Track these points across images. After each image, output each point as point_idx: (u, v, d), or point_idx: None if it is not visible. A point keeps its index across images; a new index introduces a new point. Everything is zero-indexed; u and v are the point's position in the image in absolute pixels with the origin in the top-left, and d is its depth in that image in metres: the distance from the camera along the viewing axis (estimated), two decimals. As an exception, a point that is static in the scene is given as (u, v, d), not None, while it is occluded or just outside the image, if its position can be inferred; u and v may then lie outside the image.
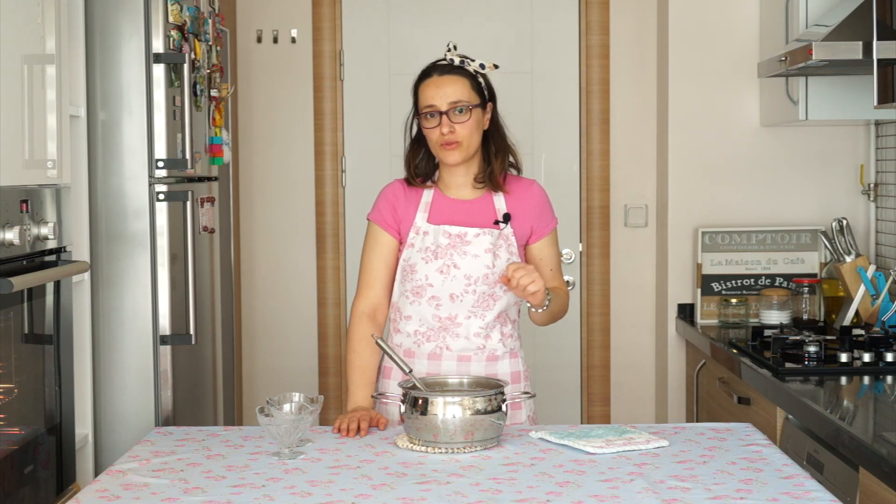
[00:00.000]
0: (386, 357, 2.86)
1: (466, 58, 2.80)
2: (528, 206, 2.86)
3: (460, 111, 2.75)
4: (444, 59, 2.81)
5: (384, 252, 2.84)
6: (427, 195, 2.85)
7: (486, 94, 2.82)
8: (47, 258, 2.93)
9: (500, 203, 2.84)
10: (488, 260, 2.77)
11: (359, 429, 2.59)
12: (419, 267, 2.78)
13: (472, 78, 2.80)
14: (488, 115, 2.84)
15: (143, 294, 3.38)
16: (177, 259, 3.45)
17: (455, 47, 2.82)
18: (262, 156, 4.75)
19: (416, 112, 2.82)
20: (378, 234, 2.85)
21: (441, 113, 2.75)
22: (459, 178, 2.84)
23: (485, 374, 2.76)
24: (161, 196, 3.38)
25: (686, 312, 4.40)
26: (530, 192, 2.88)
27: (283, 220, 4.76)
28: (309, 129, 4.73)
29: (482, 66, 2.81)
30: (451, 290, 2.77)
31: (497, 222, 2.81)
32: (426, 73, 2.81)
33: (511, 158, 2.89)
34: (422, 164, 2.87)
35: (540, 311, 2.73)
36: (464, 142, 2.76)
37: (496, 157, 2.84)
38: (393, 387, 2.81)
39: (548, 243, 2.89)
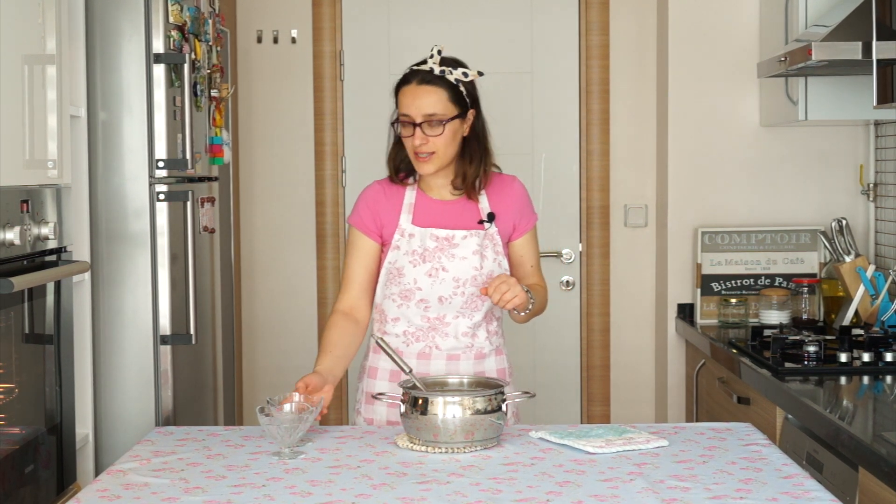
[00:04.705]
0: (371, 356, 2.88)
1: (448, 67, 2.75)
2: (511, 204, 2.86)
3: (434, 125, 2.73)
4: (426, 65, 2.76)
5: (363, 257, 2.84)
6: (409, 195, 2.84)
7: (466, 102, 2.78)
8: (48, 258, 2.93)
9: (483, 202, 2.84)
10: (476, 262, 2.77)
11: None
12: (407, 270, 2.78)
13: (452, 88, 2.75)
14: (468, 123, 2.80)
15: (144, 294, 3.38)
16: (177, 259, 3.45)
17: (440, 52, 2.76)
18: (262, 156, 4.75)
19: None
20: (358, 239, 2.85)
21: (415, 125, 2.73)
22: (439, 180, 2.84)
23: (473, 372, 2.79)
24: (161, 196, 3.38)
25: (686, 312, 4.41)
26: (512, 189, 2.88)
27: (283, 220, 4.76)
28: (309, 129, 4.73)
29: (465, 74, 2.76)
30: (439, 294, 2.77)
31: (482, 222, 2.81)
32: (406, 80, 2.77)
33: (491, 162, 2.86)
34: (404, 162, 2.86)
35: (523, 313, 2.75)
36: (438, 152, 2.75)
37: (470, 165, 2.81)
38: (380, 387, 2.83)
39: (528, 240, 2.90)
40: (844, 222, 4.11)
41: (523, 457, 2.39)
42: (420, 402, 2.44)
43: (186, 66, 3.41)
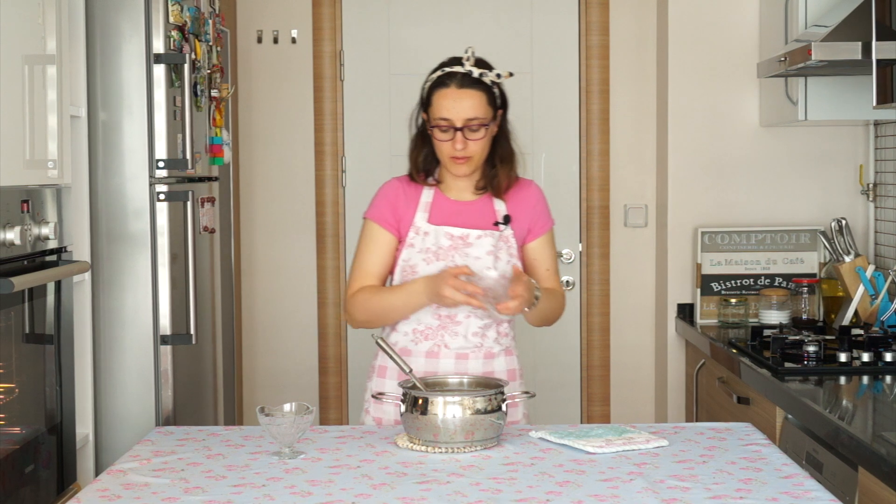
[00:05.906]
0: (380, 356, 2.86)
1: (485, 69, 2.75)
2: (527, 207, 2.85)
3: (475, 129, 2.73)
4: (462, 66, 2.74)
5: (382, 251, 2.83)
6: (427, 194, 2.83)
7: (497, 103, 2.78)
8: (48, 258, 2.93)
9: (499, 204, 2.83)
10: (489, 262, 2.76)
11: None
12: (420, 268, 2.78)
13: (489, 90, 2.75)
14: (497, 122, 2.80)
15: (144, 294, 3.38)
16: (177, 259, 3.45)
17: (473, 53, 2.75)
18: (262, 156, 4.75)
19: (423, 109, 2.79)
20: (376, 233, 2.83)
21: (456, 129, 2.72)
22: (462, 182, 2.84)
23: (482, 372, 2.77)
24: (161, 196, 3.38)
25: (686, 312, 4.41)
26: (529, 192, 2.88)
27: (283, 220, 4.76)
28: (309, 129, 4.73)
29: (499, 75, 2.76)
30: None
31: (497, 224, 2.81)
32: (443, 82, 2.74)
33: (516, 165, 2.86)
34: (425, 160, 2.85)
35: (527, 309, 2.72)
36: (475, 156, 2.75)
37: (502, 166, 2.81)
38: (388, 386, 2.82)
39: (543, 243, 2.88)
40: (844, 222, 4.11)
41: (523, 457, 2.39)
42: (420, 402, 2.44)
43: (186, 66, 3.41)
